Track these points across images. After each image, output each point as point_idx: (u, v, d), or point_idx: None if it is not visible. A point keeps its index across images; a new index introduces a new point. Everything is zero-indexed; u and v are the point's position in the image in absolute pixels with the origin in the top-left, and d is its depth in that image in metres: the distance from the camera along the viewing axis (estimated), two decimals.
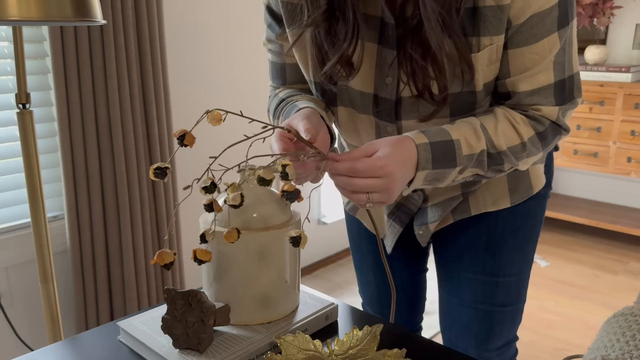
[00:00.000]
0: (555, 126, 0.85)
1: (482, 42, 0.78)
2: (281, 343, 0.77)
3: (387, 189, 0.72)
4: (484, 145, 0.80)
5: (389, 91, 0.86)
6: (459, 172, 0.81)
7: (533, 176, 0.99)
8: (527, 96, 0.82)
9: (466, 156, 0.79)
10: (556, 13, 0.77)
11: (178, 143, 0.73)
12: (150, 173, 0.73)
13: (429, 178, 0.79)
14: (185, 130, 0.73)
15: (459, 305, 1.06)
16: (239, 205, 0.72)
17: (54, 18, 1.13)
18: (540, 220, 1.04)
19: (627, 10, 3.09)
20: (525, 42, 0.78)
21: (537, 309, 2.48)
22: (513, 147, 0.82)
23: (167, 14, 2.05)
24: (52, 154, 1.86)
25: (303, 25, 0.82)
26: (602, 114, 2.94)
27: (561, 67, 0.81)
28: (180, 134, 0.72)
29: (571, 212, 3.25)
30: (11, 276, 1.80)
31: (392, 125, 0.89)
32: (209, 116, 0.74)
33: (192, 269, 2.32)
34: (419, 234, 1.04)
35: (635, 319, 0.61)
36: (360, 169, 0.71)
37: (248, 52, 2.39)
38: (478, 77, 0.80)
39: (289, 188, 0.72)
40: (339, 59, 0.81)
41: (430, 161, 0.77)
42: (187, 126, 2.20)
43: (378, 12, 0.82)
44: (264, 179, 0.71)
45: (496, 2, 0.75)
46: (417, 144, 0.77)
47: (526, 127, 0.82)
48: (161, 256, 0.72)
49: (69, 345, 0.85)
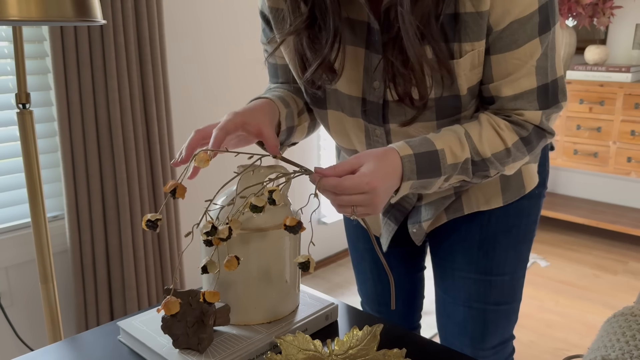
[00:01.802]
0: (539, 130, 0.85)
1: (464, 47, 0.79)
2: (281, 343, 0.77)
3: (371, 203, 0.74)
4: (468, 153, 0.81)
5: (376, 94, 0.87)
6: (445, 180, 0.82)
7: (525, 175, 1.00)
8: (510, 101, 0.83)
9: (451, 165, 0.81)
10: (537, 19, 0.77)
11: (170, 196, 0.74)
12: (143, 224, 0.75)
13: (414, 187, 0.81)
14: (176, 182, 0.74)
15: (454, 304, 1.07)
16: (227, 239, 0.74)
17: (54, 18, 1.13)
18: (534, 219, 1.05)
19: (627, 10, 3.09)
20: (507, 48, 0.79)
21: (537, 309, 2.48)
22: (497, 154, 0.83)
23: (167, 14, 2.05)
24: (52, 154, 1.86)
25: (285, 33, 0.84)
26: (602, 114, 2.94)
27: (544, 72, 0.82)
28: (172, 187, 0.74)
29: (571, 212, 3.25)
30: (11, 276, 1.80)
31: (380, 128, 0.90)
32: (196, 159, 0.75)
33: (192, 269, 2.33)
34: (412, 232, 1.05)
35: (635, 319, 0.61)
36: (346, 186, 0.73)
37: (248, 52, 2.39)
38: (461, 81, 0.81)
39: (291, 222, 0.73)
40: (319, 65, 0.82)
41: (415, 172, 0.79)
42: (187, 125, 2.21)
43: (365, 18, 0.83)
44: (256, 206, 0.73)
45: (475, 9, 0.76)
46: (401, 156, 0.78)
47: (510, 133, 0.83)
48: (167, 306, 0.72)
49: (69, 345, 0.85)
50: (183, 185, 0.74)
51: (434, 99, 0.83)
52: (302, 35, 0.83)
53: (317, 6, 0.80)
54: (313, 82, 0.87)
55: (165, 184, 0.73)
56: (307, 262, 0.74)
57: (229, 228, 0.73)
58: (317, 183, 0.74)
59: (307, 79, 0.86)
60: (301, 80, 0.91)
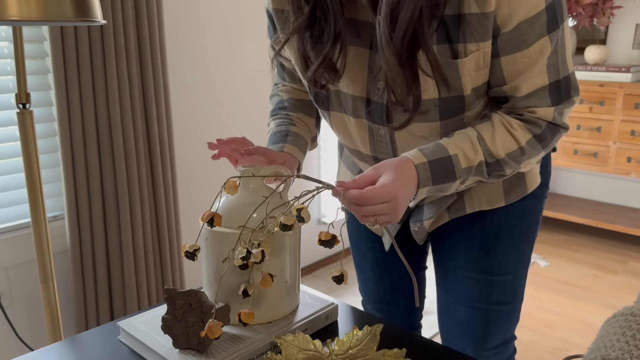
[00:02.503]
0: (552, 126, 0.85)
1: (469, 48, 0.79)
2: (281, 343, 0.77)
3: (393, 211, 0.76)
4: (481, 156, 0.83)
5: (380, 95, 0.87)
6: (461, 183, 0.84)
7: (528, 176, 1.00)
8: (523, 99, 0.83)
9: (465, 169, 0.82)
10: (544, 18, 0.77)
11: (208, 225, 0.78)
12: (182, 252, 0.79)
13: (431, 191, 0.83)
14: (213, 213, 0.77)
15: (455, 304, 1.06)
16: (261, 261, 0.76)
17: (54, 18, 1.13)
18: (536, 219, 1.05)
19: (627, 10, 3.09)
20: (517, 49, 0.79)
21: (537, 309, 2.48)
22: (511, 153, 0.84)
23: (167, 14, 2.05)
24: (52, 154, 1.86)
25: (288, 33, 0.85)
26: (602, 114, 2.94)
27: (555, 69, 0.82)
28: (209, 217, 0.77)
29: (571, 212, 3.25)
30: (11, 276, 1.80)
31: (384, 128, 0.91)
32: (226, 187, 0.80)
33: (192, 269, 2.33)
34: (414, 230, 1.05)
35: (635, 319, 0.61)
36: (369, 197, 0.75)
37: (248, 52, 2.39)
38: (466, 81, 0.81)
39: (326, 237, 0.75)
40: (321, 64, 0.83)
41: (430, 179, 0.81)
42: (187, 125, 2.21)
43: (369, 18, 0.83)
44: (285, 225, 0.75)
45: (480, 10, 0.76)
46: (415, 165, 0.80)
47: (523, 132, 0.84)
48: (210, 330, 0.73)
49: (69, 345, 0.85)
50: (219, 214, 0.78)
51: (438, 99, 0.83)
52: (304, 34, 0.84)
53: (318, 6, 0.81)
54: (316, 81, 0.88)
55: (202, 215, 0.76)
56: (341, 276, 0.77)
57: (261, 252, 0.76)
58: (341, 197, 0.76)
59: (310, 78, 0.87)
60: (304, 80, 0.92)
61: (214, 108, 2.30)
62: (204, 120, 2.26)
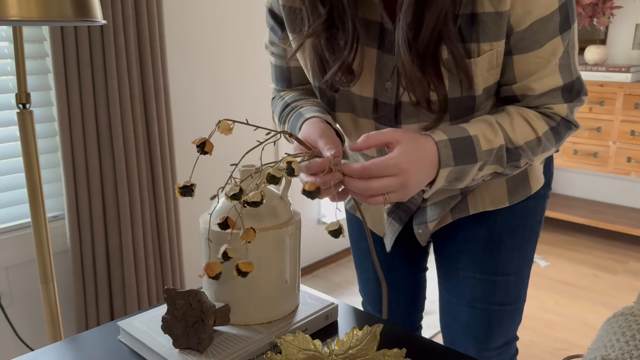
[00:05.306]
0: (566, 122, 0.85)
1: (482, 47, 0.78)
2: (281, 343, 0.77)
3: (404, 186, 0.72)
4: (502, 140, 0.80)
5: (388, 96, 0.86)
6: (479, 169, 0.80)
7: (532, 176, 1.00)
8: (535, 99, 0.83)
9: (486, 151, 0.79)
10: (557, 18, 0.77)
11: (198, 151, 0.72)
12: (177, 192, 0.73)
13: (450, 177, 0.78)
14: (204, 138, 0.72)
15: (458, 304, 1.06)
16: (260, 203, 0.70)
17: (54, 18, 1.13)
18: (539, 220, 1.05)
19: (627, 10, 3.09)
20: (529, 48, 0.79)
21: (537, 309, 2.48)
22: (529, 142, 0.82)
23: (167, 14, 2.05)
24: (52, 154, 1.86)
25: (304, 35, 0.83)
26: (602, 114, 2.94)
27: (567, 70, 0.82)
28: (200, 141, 0.71)
29: (571, 212, 3.25)
30: (11, 276, 1.80)
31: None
32: (219, 127, 0.73)
33: (192, 269, 2.33)
34: (418, 232, 1.05)
35: (635, 319, 0.61)
36: (372, 169, 0.70)
37: (248, 52, 2.39)
38: (478, 81, 0.81)
39: (310, 187, 0.70)
40: (339, 67, 0.81)
41: (452, 157, 0.76)
42: (187, 125, 2.21)
43: (378, 18, 0.82)
44: (274, 176, 0.70)
45: (495, 9, 0.75)
46: (436, 141, 0.76)
47: (540, 122, 0.83)
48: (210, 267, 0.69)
49: (69, 345, 0.85)
50: (211, 142, 0.72)
51: (452, 99, 0.82)
52: (320, 37, 0.82)
53: (335, 7, 0.79)
54: (332, 84, 0.86)
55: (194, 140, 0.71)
56: (339, 229, 0.71)
57: (260, 193, 0.70)
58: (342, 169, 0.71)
59: (327, 82, 0.85)
60: (318, 83, 0.90)
61: (214, 108, 2.30)
62: (204, 120, 2.26)
